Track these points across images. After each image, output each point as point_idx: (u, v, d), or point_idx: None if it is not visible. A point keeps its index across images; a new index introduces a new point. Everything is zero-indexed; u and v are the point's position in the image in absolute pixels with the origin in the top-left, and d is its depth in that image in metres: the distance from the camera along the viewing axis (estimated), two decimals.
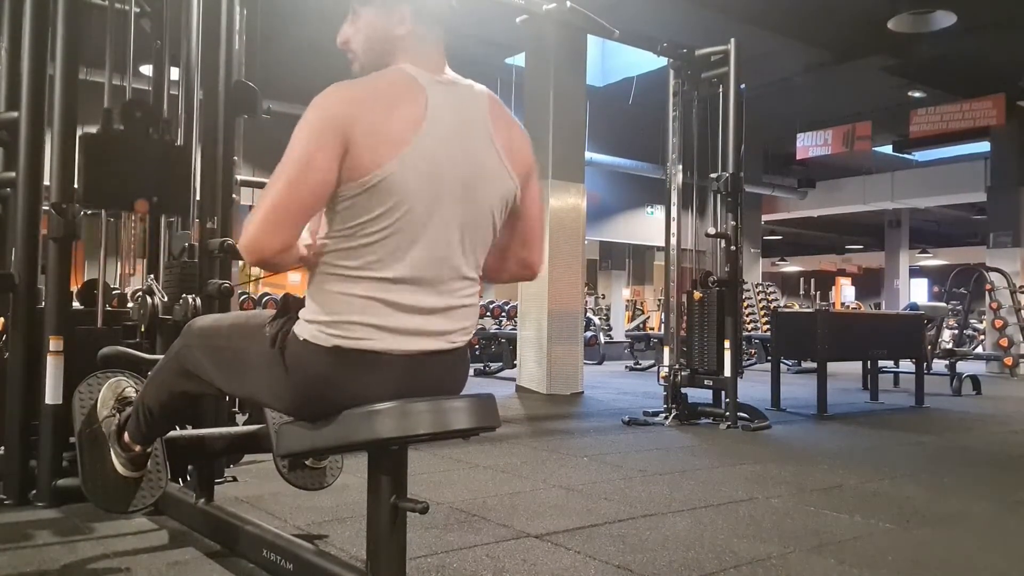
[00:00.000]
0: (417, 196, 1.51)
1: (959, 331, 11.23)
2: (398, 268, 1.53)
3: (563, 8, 6.06)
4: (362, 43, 1.66)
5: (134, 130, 3.03)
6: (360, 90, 1.54)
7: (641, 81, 10.84)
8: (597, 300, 16.55)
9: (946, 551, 2.67)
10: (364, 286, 1.52)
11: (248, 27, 3.94)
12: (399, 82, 1.57)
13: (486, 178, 1.62)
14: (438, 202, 1.54)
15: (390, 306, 1.53)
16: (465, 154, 1.58)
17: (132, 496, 2.23)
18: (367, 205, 1.49)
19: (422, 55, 1.63)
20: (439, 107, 1.56)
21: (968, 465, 4.35)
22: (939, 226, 22.74)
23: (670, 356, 5.89)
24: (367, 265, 1.52)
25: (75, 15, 2.94)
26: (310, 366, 1.56)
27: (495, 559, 2.40)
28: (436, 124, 1.54)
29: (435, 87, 1.58)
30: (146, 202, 3.01)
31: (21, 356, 2.88)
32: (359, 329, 1.53)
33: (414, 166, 1.50)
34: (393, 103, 1.53)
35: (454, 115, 1.58)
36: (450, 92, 1.61)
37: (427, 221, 1.53)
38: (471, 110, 1.63)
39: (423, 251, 1.54)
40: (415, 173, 1.50)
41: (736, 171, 5.58)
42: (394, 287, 1.53)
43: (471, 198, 1.59)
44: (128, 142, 3.02)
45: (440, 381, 1.65)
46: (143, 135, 3.05)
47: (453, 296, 1.61)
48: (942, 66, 10.75)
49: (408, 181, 1.49)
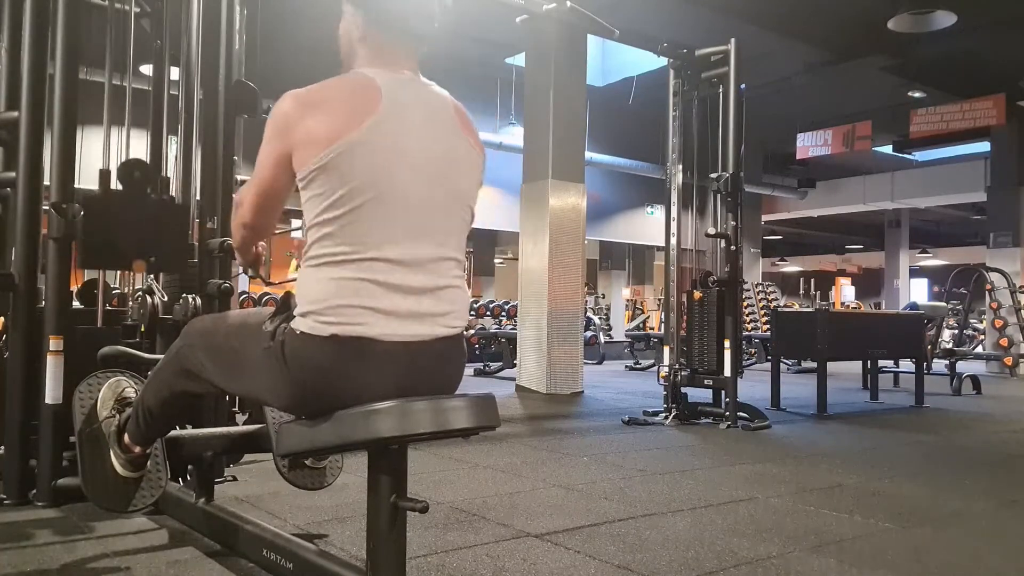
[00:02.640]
0: (378, 175, 1.57)
1: (959, 331, 11.22)
2: (380, 248, 1.57)
3: (563, 8, 6.07)
4: (341, 45, 1.76)
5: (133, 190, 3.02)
6: (309, 95, 1.61)
7: (641, 81, 10.85)
8: (597, 300, 16.56)
9: (946, 551, 2.67)
10: (351, 268, 1.56)
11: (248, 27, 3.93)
12: (351, 81, 1.65)
13: (459, 160, 1.69)
14: (410, 182, 1.60)
15: (380, 286, 1.57)
16: (434, 138, 1.66)
17: (132, 496, 2.23)
18: (326, 186, 1.55)
19: (383, 59, 1.69)
20: (395, 96, 1.62)
21: (968, 465, 4.35)
22: (939, 226, 22.75)
23: (670, 356, 5.89)
24: (351, 249, 1.57)
25: (75, 15, 2.94)
26: (309, 359, 1.57)
27: (495, 559, 2.40)
28: (394, 110, 1.60)
29: (391, 82, 1.65)
30: (144, 263, 3.02)
31: (21, 356, 2.88)
32: (353, 312, 1.55)
33: (366, 146, 1.56)
34: (341, 98, 1.61)
35: (416, 104, 1.66)
36: (409, 85, 1.68)
37: (402, 201, 1.59)
38: (435, 103, 1.71)
39: (403, 231, 1.59)
40: (369, 153, 1.56)
41: (736, 171, 5.58)
42: (380, 266, 1.57)
43: (446, 179, 1.66)
44: (127, 203, 3.01)
45: (437, 372, 1.66)
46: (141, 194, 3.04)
47: (440, 276, 1.65)
48: (942, 66, 10.75)
49: (358, 161, 1.55)
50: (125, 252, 3.00)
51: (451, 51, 9.71)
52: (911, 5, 8.23)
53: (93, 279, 3.65)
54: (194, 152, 3.52)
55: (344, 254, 1.56)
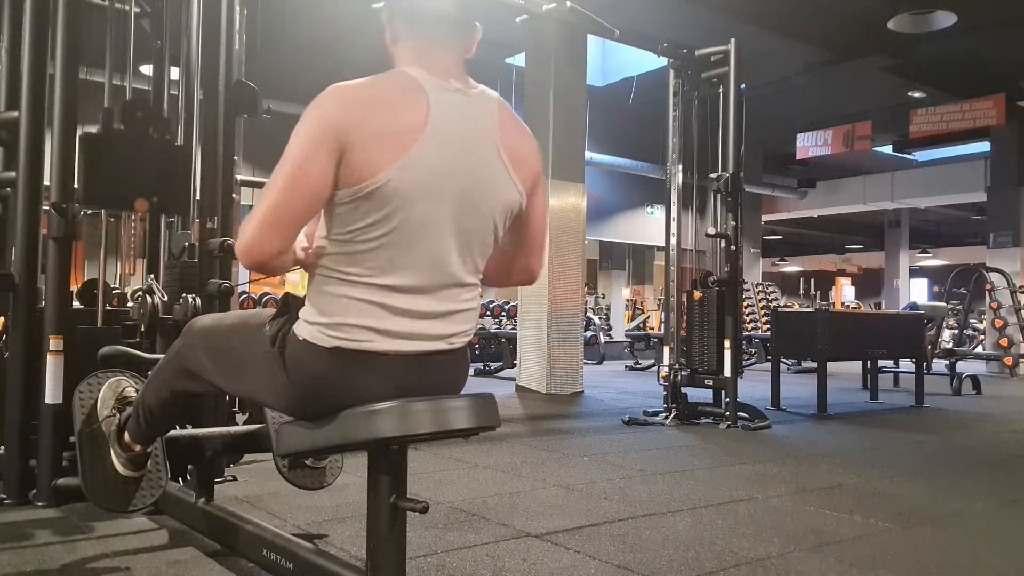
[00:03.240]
0: (415, 204, 1.49)
1: (959, 331, 11.22)
2: (396, 276, 1.52)
3: (563, 8, 6.06)
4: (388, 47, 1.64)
5: (134, 130, 3.02)
6: (360, 92, 1.50)
7: (641, 81, 10.84)
8: (597, 300, 16.55)
9: (946, 551, 2.67)
10: (362, 290, 1.52)
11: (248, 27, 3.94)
12: (401, 85, 1.53)
13: (490, 187, 1.59)
14: (437, 210, 1.52)
15: (388, 310, 1.53)
16: (468, 163, 1.55)
17: (132, 495, 2.23)
18: (363, 211, 1.47)
19: (428, 59, 1.58)
20: (442, 114, 1.52)
21: (968, 465, 4.35)
22: (939, 226, 22.75)
23: (670, 356, 5.89)
24: (365, 272, 1.51)
25: (75, 15, 2.94)
26: (310, 365, 1.56)
27: (495, 559, 2.40)
28: (438, 131, 1.50)
29: (439, 93, 1.54)
30: (146, 202, 3.01)
31: (21, 356, 2.88)
32: (359, 332, 1.53)
33: (413, 174, 1.47)
34: (394, 107, 1.49)
35: (458, 123, 1.55)
36: (456, 99, 1.57)
37: (426, 229, 1.52)
38: (478, 118, 1.59)
39: (421, 259, 1.53)
40: (413, 181, 1.47)
41: (736, 171, 5.58)
42: (392, 294, 1.53)
43: (472, 206, 1.57)
44: (128, 142, 3.01)
45: (440, 381, 1.65)
46: (143, 134, 3.05)
47: (452, 302, 1.61)
48: (942, 66, 10.74)
49: (405, 189, 1.47)
50: (127, 191, 2.99)
51: None
52: (911, 5, 8.23)
53: (93, 279, 3.65)
54: (194, 152, 3.52)
55: (358, 275, 1.51)
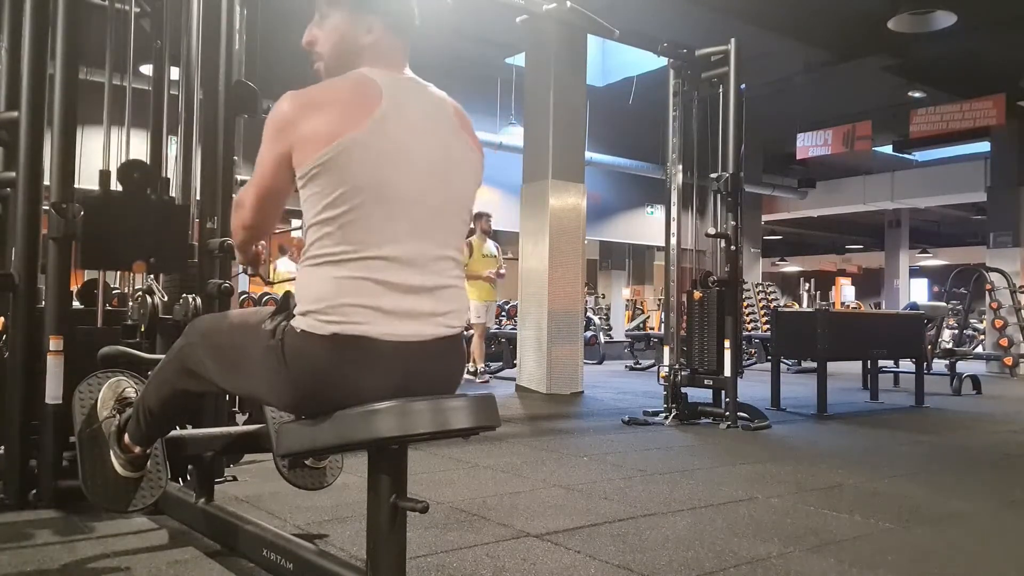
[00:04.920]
0: (382, 173, 1.57)
1: (959, 331, 11.21)
2: (380, 247, 1.58)
3: (563, 8, 6.06)
4: (329, 47, 1.74)
5: (132, 191, 3.01)
6: (311, 92, 1.62)
7: (641, 81, 10.84)
8: (597, 300, 16.54)
9: (946, 551, 2.67)
10: (350, 267, 1.56)
11: (248, 27, 3.94)
12: (356, 82, 1.64)
13: (457, 161, 1.70)
14: (409, 181, 1.60)
15: (380, 284, 1.57)
16: (434, 139, 1.66)
17: (132, 496, 2.23)
18: (328, 184, 1.56)
19: (383, 60, 1.70)
20: (396, 97, 1.62)
21: (968, 465, 4.35)
22: (939, 226, 22.75)
23: (670, 356, 5.89)
24: (350, 247, 1.57)
25: (75, 15, 2.94)
26: (309, 358, 1.57)
27: (495, 559, 2.40)
28: (394, 110, 1.60)
29: (392, 81, 1.65)
30: (144, 263, 3.02)
31: (21, 356, 2.88)
32: (353, 311, 1.55)
33: (372, 143, 1.56)
34: (342, 97, 1.60)
35: (415, 104, 1.67)
36: (410, 84, 1.70)
37: (401, 199, 1.59)
38: (434, 104, 1.71)
39: (402, 230, 1.59)
40: (375, 149, 1.56)
41: (736, 171, 5.58)
42: (379, 264, 1.57)
43: (445, 179, 1.67)
44: (127, 204, 3.00)
45: (436, 372, 1.67)
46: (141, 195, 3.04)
47: (439, 275, 1.66)
48: (942, 66, 10.74)
49: (367, 156, 1.55)
50: (125, 253, 3.00)
51: (451, 51, 9.71)
52: (911, 5, 8.23)
53: (93, 279, 3.65)
54: (194, 152, 3.52)
55: (343, 253, 1.56)
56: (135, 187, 3.00)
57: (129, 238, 2.99)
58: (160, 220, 3.08)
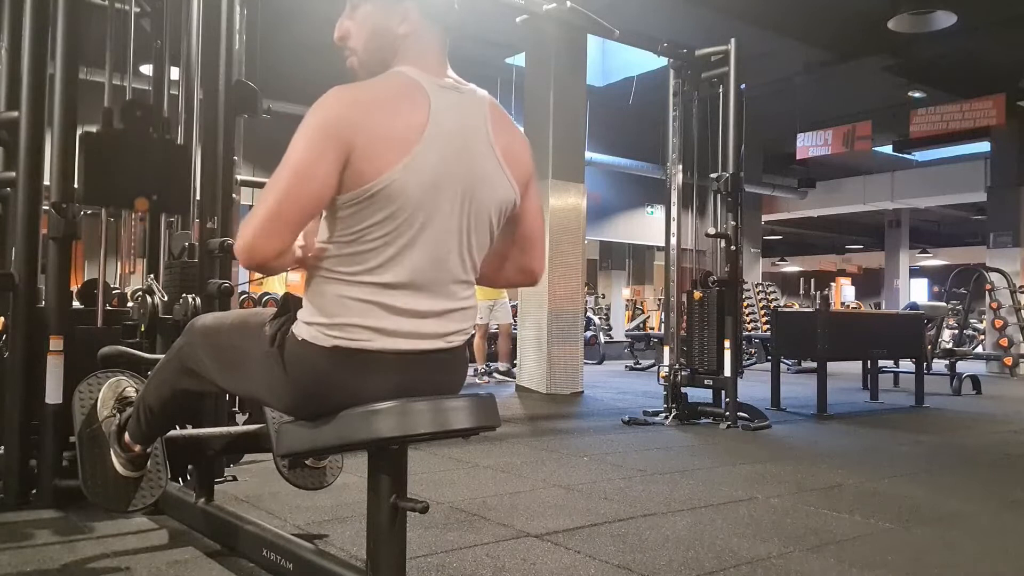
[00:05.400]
0: (417, 203, 1.49)
1: (959, 331, 11.21)
2: (396, 273, 1.52)
3: (563, 8, 6.05)
4: (363, 40, 1.62)
5: (134, 129, 3.03)
6: (363, 94, 1.51)
7: (641, 81, 10.84)
8: (597, 300, 16.55)
9: (946, 551, 2.67)
10: (362, 290, 1.52)
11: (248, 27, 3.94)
12: (403, 86, 1.54)
13: (485, 184, 1.60)
14: (437, 208, 1.53)
15: (387, 309, 1.54)
16: (465, 161, 1.56)
17: (132, 496, 2.23)
18: (368, 213, 1.48)
19: (423, 56, 1.60)
20: (441, 113, 1.53)
21: (968, 465, 4.35)
22: (939, 226, 22.74)
23: (670, 356, 5.89)
24: (366, 270, 1.52)
25: (75, 15, 2.94)
26: (309, 365, 1.56)
27: (495, 559, 2.40)
28: (438, 130, 1.51)
29: (438, 92, 1.55)
30: (146, 200, 3.02)
31: (21, 356, 2.88)
32: (357, 331, 1.53)
33: (417, 173, 1.48)
34: (396, 108, 1.50)
35: (455, 121, 1.55)
36: (452, 97, 1.58)
37: (426, 227, 1.52)
38: (472, 116, 1.60)
39: (421, 256, 1.53)
40: (417, 180, 1.48)
41: (736, 171, 5.58)
42: (391, 291, 1.53)
43: (470, 203, 1.58)
44: (128, 141, 3.02)
45: (438, 380, 1.65)
46: (143, 134, 3.05)
47: (450, 300, 1.61)
48: (942, 66, 10.74)
49: (410, 189, 1.47)
50: (127, 189, 3.00)
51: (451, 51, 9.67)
52: (911, 5, 8.23)
53: (93, 279, 3.65)
54: (194, 152, 3.52)
55: (356, 274, 1.52)
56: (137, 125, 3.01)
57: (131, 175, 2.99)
58: (162, 160, 3.08)
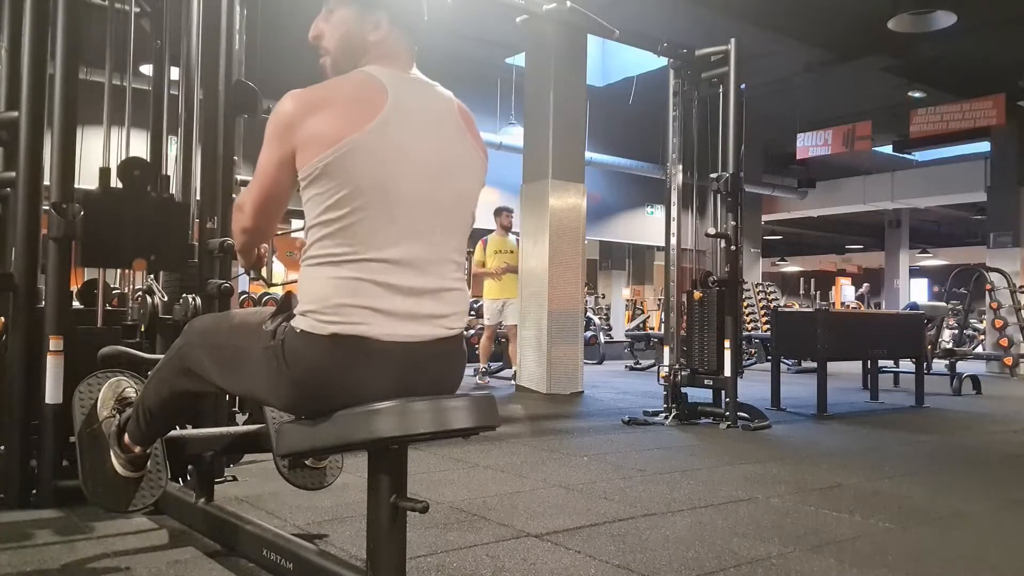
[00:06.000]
0: (385, 174, 1.56)
1: (959, 331, 11.21)
2: (381, 249, 1.57)
3: (563, 8, 6.06)
4: (335, 42, 1.72)
5: (133, 189, 3.01)
6: (314, 94, 1.60)
7: (641, 81, 10.84)
8: (597, 300, 16.55)
9: (946, 551, 2.67)
10: (350, 268, 1.56)
11: (248, 27, 3.94)
12: (360, 82, 1.63)
13: (461, 162, 1.69)
14: (413, 183, 1.60)
15: (380, 286, 1.57)
16: (438, 140, 1.65)
17: (132, 496, 2.23)
18: (331, 186, 1.55)
19: (390, 58, 1.69)
20: (400, 97, 1.61)
21: (968, 465, 4.35)
22: (939, 226, 22.74)
23: (670, 356, 5.89)
24: (352, 250, 1.56)
25: (75, 15, 2.94)
26: (309, 357, 1.57)
27: (495, 559, 2.40)
28: (398, 111, 1.59)
29: (397, 81, 1.64)
30: (144, 261, 3.02)
31: (21, 356, 2.88)
32: (353, 312, 1.55)
33: (370, 147, 1.55)
34: (346, 97, 1.59)
35: (420, 104, 1.65)
36: (416, 85, 1.68)
37: (405, 201, 1.59)
38: (439, 102, 1.70)
39: (404, 232, 1.59)
40: (373, 154, 1.55)
41: (736, 171, 5.58)
42: (381, 267, 1.57)
43: (448, 181, 1.66)
44: (127, 201, 3.00)
45: (437, 372, 1.67)
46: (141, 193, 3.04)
47: (441, 278, 1.66)
48: (942, 66, 10.74)
49: (371, 157, 1.55)
50: (125, 250, 3.00)
51: (451, 51, 9.70)
52: (911, 5, 8.23)
53: (93, 279, 3.65)
54: (194, 152, 3.52)
55: (344, 254, 1.56)
56: (135, 184, 3.01)
57: (129, 235, 3.00)
58: (160, 218, 3.08)
